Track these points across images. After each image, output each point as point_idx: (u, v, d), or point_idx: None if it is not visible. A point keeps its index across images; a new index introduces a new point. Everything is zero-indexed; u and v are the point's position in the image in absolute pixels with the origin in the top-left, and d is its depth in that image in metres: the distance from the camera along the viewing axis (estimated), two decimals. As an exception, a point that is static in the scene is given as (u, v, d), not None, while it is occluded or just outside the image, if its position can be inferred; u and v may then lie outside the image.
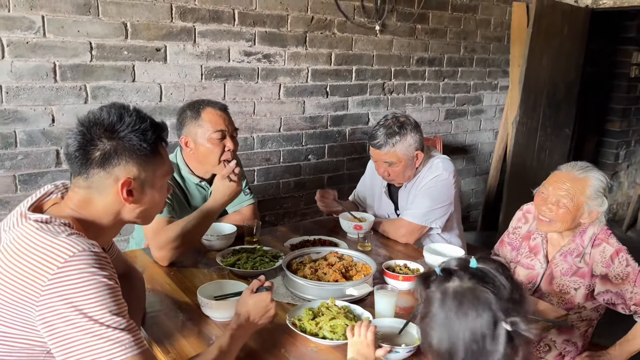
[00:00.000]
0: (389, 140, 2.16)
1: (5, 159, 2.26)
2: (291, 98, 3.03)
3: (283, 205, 3.19)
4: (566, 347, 1.92)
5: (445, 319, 1.06)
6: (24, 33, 2.21)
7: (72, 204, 1.20)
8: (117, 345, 1.05)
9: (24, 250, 1.08)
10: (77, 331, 1.03)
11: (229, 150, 2.06)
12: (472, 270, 1.09)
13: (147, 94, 2.55)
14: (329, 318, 1.48)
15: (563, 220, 1.79)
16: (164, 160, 1.27)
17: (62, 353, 1.05)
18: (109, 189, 1.18)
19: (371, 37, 3.25)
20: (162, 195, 1.29)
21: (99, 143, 1.16)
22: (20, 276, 1.06)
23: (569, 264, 1.86)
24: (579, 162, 1.86)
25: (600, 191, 1.78)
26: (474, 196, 4.29)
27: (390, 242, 2.26)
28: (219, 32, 2.70)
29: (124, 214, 1.23)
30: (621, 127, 4.99)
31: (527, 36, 3.71)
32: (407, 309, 1.64)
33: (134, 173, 1.19)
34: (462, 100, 3.89)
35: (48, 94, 2.31)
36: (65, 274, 1.04)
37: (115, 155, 1.16)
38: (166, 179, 1.29)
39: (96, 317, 1.04)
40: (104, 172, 1.17)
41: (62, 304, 1.03)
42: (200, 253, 2.02)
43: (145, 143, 1.19)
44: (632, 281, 1.74)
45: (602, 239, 1.81)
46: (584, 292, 1.82)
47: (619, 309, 1.80)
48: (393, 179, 2.29)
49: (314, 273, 1.74)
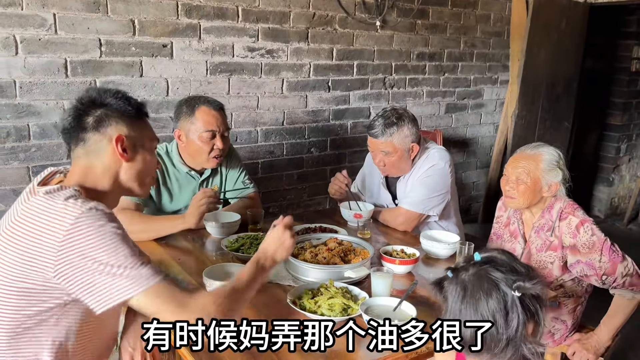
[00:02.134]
0: (386, 130, 2.24)
1: (19, 151, 2.36)
2: (294, 92, 3.11)
3: (286, 197, 3.28)
4: (555, 324, 2.00)
5: (460, 310, 1.14)
6: (36, 30, 2.30)
7: (75, 175, 1.31)
8: (138, 280, 1.15)
9: (35, 217, 1.18)
10: (99, 278, 1.14)
11: (217, 149, 2.18)
12: (477, 262, 1.18)
13: (154, 88, 2.64)
14: (327, 297, 1.56)
15: (524, 195, 1.91)
16: (148, 126, 1.41)
17: (90, 298, 1.15)
18: (105, 149, 1.30)
19: (372, 32, 3.32)
20: (152, 159, 1.40)
21: (91, 112, 1.30)
22: (34, 240, 1.15)
23: (542, 240, 1.95)
24: (532, 144, 2.00)
25: (553, 163, 1.90)
26: (475, 189, 4.35)
27: (389, 230, 2.34)
28: (224, 28, 2.78)
29: (122, 175, 1.34)
30: (622, 121, 5.03)
31: (525, 31, 3.77)
32: (402, 292, 1.71)
33: (125, 131, 1.32)
34: (463, 94, 3.96)
35: (60, 89, 2.40)
36: (77, 231, 1.14)
37: (106, 117, 1.30)
38: (153, 143, 1.41)
39: (112, 262, 1.14)
40: (99, 134, 1.30)
41: (80, 259, 1.13)
42: (206, 240, 2.11)
43: (130, 106, 1.34)
44: (598, 250, 1.82)
45: (569, 212, 1.91)
46: (558, 265, 1.91)
47: (592, 280, 1.88)
48: (388, 170, 2.37)
49: (314, 257, 1.82)
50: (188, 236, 2.09)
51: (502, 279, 1.12)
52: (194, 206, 2.02)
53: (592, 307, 2.08)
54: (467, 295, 1.14)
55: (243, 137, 3.00)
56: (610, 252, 1.81)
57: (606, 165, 5.20)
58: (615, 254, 1.81)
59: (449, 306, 1.17)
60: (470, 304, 1.13)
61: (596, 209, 5.28)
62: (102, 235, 1.15)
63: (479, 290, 1.12)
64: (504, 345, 1.11)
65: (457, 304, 1.15)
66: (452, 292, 1.17)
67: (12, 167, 2.36)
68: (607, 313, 1.91)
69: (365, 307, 1.50)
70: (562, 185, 1.92)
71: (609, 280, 1.83)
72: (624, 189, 5.29)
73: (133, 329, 1.48)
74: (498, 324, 1.10)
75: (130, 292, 1.14)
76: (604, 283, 1.86)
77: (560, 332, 2.01)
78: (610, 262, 1.81)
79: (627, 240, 4.59)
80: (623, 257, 1.83)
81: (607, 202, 5.22)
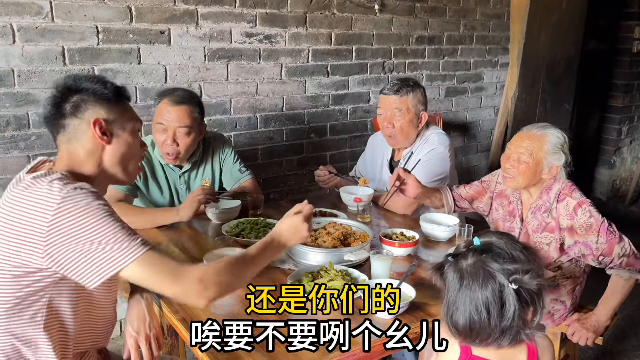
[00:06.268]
0: (403, 88, 2.35)
1: (19, 140, 2.37)
2: (293, 78, 3.10)
3: (287, 183, 3.28)
4: (554, 305, 2.01)
5: (456, 298, 1.17)
6: (33, 18, 2.30)
7: (61, 163, 1.33)
8: (128, 250, 1.16)
9: (22, 200, 1.19)
10: (88, 254, 1.15)
11: (166, 145, 2.14)
12: (477, 248, 1.19)
13: (153, 75, 2.64)
14: (327, 279, 1.58)
15: (524, 174, 1.90)
16: (128, 108, 1.41)
17: (80, 274, 1.16)
18: (85, 134, 1.32)
19: (370, 16, 3.30)
20: (134, 141, 1.40)
21: (68, 98, 1.32)
22: (23, 223, 1.16)
23: (539, 221, 1.95)
24: (539, 123, 1.96)
25: (557, 146, 1.88)
26: (475, 173, 4.35)
27: (389, 213, 2.35)
28: (221, 14, 2.77)
29: (106, 159, 1.35)
30: (624, 103, 5.01)
31: (525, 12, 3.74)
32: (402, 274, 1.72)
33: (102, 114, 1.33)
34: (463, 78, 3.94)
35: (58, 77, 2.38)
36: (64, 210, 1.15)
37: (82, 102, 1.32)
38: (134, 125, 1.40)
39: (100, 237, 1.15)
40: (77, 120, 1.31)
41: (69, 238, 1.14)
42: (206, 225, 2.12)
43: (105, 89, 1.34)
44: (595, 232, 1.82)
45: (566, 193, 1.90)
46: (555, 246, 1.91)
47: (589, 260, 1.88)
48: (396, 134, 2.38)
49: (314, 241, 1.83)
50: (188, 222, 2.11)
51: (499, 270, 1.14)
52: (190, 200, 2.04)
53: (592, 288, 2.09)
54: (464, 284, 1.16)
55: (242, 123, 3.00)
56: (608, 233, 1.81)
57: (608, 147, 5.19)
58: (612, 235, 1.81)
59: (447, 292, 1.20)
60: (465, 293, 1.15)
61: (598, 191, 5.28)
62: (89, 212, 1.16)
63: (475, 281, 1.15)
64: (498, 335, 1.14)
65: (454, 292, 1.18)
66: (450, 279, 1.19)
67: (13, 156, 2.37)
68: (605, 293, 1.92)
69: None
70: (563, 169, 1.90)
71: (606, 261, 1.84)
72: (626, 171, 5.29)
73: (136, 314, 1.49)
74: (491, 315, 1.13)
75: (121, 264, 1.16)
76: (601, 263, 1.86)
77: (559, 312, 2.02)
78: (607, 243, 1.81)
79: (629, 222, 4.60)
80: (620, 237, 1.83)
81: (608, 184, 5.22)
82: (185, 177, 2.30)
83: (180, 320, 1.43)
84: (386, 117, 2.38)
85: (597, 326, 1.94)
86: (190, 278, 1.21)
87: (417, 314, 1.48)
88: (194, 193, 2.05)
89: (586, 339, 1.93)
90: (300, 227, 1.47)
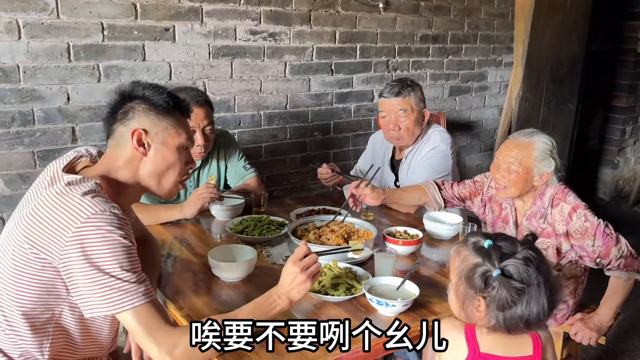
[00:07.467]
0: (404, 89, 2.36)
1: (24, 136, 2.38)
2: (297, 76, 3.11)
3: (290, 181, 3.29)
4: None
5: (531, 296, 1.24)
6: (38, 14, 2.30)
7: (101, 165, 1.36)
8: (127, 295, 1.17)
9: (53, 208, 1.20)
10: (91, 283, 1.16)
11: (196, 145, 2.17)
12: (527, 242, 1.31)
13: (157, 72, 2.64)
14: (330, 277, 1.58)
15: (515, 184, 1.87)
16: (177, 122, 1.39)
17: (80, 300, 1.19)
18: (127, 142, 1.33)
19: (375, 14, 3.30)
20: (176, 156, 1.38)
21: (122, 104, 1.35)
22: (48, 232, 1.18)
23: (534, 227, 1.93)
24: (525, 129, 1.93)
25: (546, 153, 1.85)
26: (479, 172, 4.33)
27: (392, 212, 2.35)
28: (226, 11, 2.77)
29: (141, 170, 1.36)
30: (628, 103, 5.00)
31: (529, 11, 3.74)
32: (405, 272, 1.73)
33: (147, 125, 1.34)
34: (466, 77, 3.94)
35: (63, 73, 2.41)
36: (86, 231, 1.16)
37: (131, 110, 1.34)
38: (177, 141, 1.38)
39: (109, 270, 1.16)
40: (123, 127, 1.33)
41: (81, 258, 1.16)
42: (211, 222, 2.13)
43: (158, 100, 1.35)
44: (591, 235, 1.80)
45: (560, 198, 1.87)
46: (552, 252, 1.90)
47: (587, 262, 1.87)
48: (403, 135, 2.38)
49: (318, 238, 1.84)
50: (193, 219, 2.11)
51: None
52: (194, 197, 2.05)
53: (593, 286, 2.09)
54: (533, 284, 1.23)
55: (246, 121, 3.01)
56: (604, 235, 1.79)
57: (611, 147, 5.17)
58: (609, 237, 1.79)
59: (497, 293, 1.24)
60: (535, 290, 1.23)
61: (601, 191, 5.27)
62: (106, 241, 1.17)
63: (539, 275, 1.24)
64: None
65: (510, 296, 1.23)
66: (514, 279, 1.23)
67: (18, 152, 2.38)
68: (606, 294, 1.92)
69: (369, 287, 1.51)
70: (554, 174, 1.87)
71: (604, 262, 1.83)
72: (629, 172, 5.28)
73: None
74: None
75: (117, 308, 1.17)
76: (598, 265, 1.85)
77: (562, 312, 2.02)
78: (604, 245, 1.79)
79: (632, 222, 4.60)
80: (617, 239, 1.81)
81: (612, 184, 5.21)
82: (195, 174, 2.31)
83: (184, 317, 1.44)
84: (391, 119, 2.37)
85: (600, 326, 1.94)
86: (162, 350, 1.18)
87: (421, 312, 1.48)
88: (199, 191, 2.06)
89: (589, 338, 1.93)
90: (297, 278, 1.33)
